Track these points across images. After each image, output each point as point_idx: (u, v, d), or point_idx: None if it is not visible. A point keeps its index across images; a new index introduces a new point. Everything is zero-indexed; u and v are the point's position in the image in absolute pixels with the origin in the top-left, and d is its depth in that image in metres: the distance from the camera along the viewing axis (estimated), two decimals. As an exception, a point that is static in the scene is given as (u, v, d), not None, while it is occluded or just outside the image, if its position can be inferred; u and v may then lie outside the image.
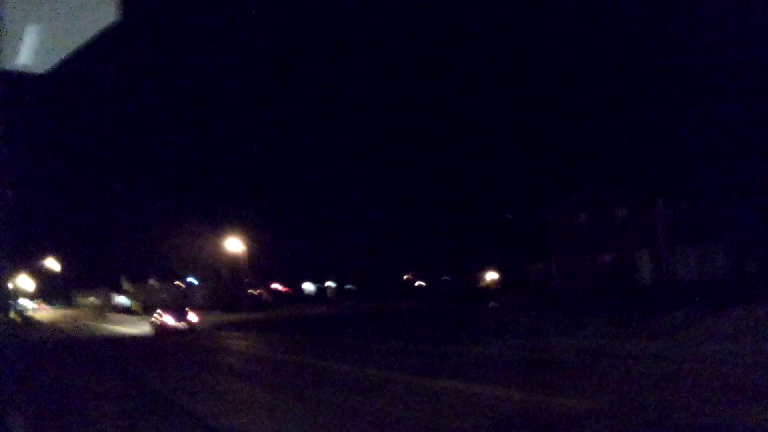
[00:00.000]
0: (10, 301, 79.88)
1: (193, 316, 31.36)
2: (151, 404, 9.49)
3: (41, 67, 2.92)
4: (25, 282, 74.02)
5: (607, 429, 6.66)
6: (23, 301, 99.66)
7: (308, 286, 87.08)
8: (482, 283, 77.54)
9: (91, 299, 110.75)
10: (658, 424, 6.69)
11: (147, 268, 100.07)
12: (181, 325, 30.09)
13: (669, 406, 7.41)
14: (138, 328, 36.40)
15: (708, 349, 11.88)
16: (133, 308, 72.99)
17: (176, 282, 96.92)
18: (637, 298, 27.61)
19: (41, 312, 74.25)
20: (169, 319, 30.55)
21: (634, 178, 42.04)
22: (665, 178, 44.24)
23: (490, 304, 34.89)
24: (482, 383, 9.54)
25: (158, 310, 33.41)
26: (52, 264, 67.03)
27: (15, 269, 61.67)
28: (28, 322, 50.18)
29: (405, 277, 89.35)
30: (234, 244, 55.47)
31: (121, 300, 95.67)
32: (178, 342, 23.62)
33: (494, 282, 75.43)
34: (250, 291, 69.86)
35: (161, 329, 30.31)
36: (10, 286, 60.59)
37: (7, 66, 2.81)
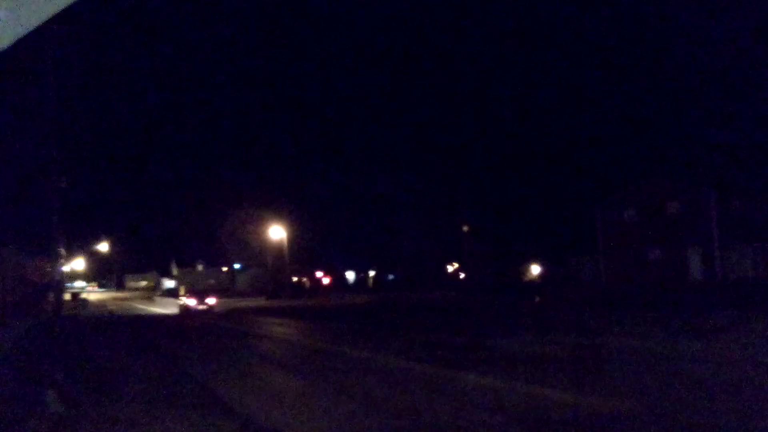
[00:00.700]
0: (67, 284, 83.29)
1: (211, 300, 37.01)
2: (183, 388, 9.55)
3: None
4: (79, 264, 76.71)
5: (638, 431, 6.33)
6: (78, 283, 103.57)
7: (350, 275, 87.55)
8: (527, 277, 76.43)
9: (143, 282, 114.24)
10: (689, 426, 6.34)
11: (195, 253, 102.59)
12: (201, 307, 35.81)
13: (698, 409, 7.03)
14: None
15: (751, 353, 11.28)
16: (180, 292, 74.73)
17: (223, 268, 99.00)
18: (686, 297, 26.62)
19: (92, 294, 76.99)
20: (191, 302, 36.34)
21: (686, 172, 40.45)
22: (720, 171, 42.41)
23: (535, 298, 34.27)
24: (513, 379, 9.25)
25: (184, 294, 39.61)
26: (104, 247, 69.22)
27: (70, 252, 64.00)
28: (81, 303, 51.95)
29: (449, 268, 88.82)
30: (277, 232, 56.10)
31: (170, 284, 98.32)
32: (218, 326, 24.00)
33: (539, 276, 74.25)
34: (294, 279, 70.73)
35: (185, 310, 35.70)
36: (65, 268, 62.94)
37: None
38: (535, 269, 79.16)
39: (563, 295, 36.83)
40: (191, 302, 36.19)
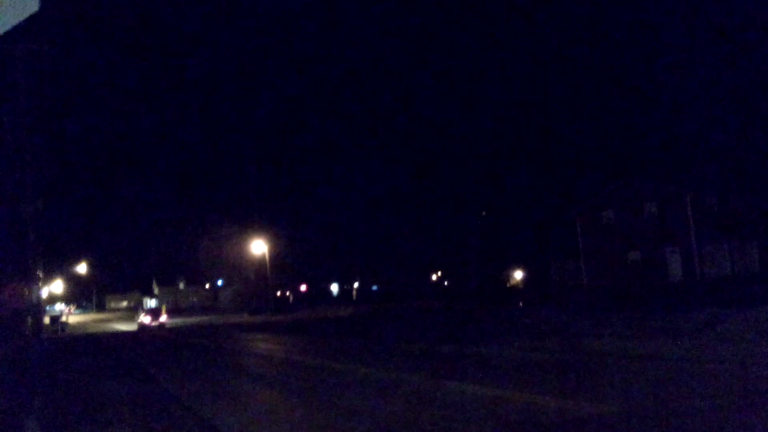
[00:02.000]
0: (47, 307, 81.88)
1: (164, 318, 44.96)
2: (166, 409, 9.40)
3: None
4: (58, 287, 75.47)
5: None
6: (57, 306, 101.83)
7: (334, 287, 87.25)
8: (510, 283, 76.77)
9: (124, 303, 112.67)
10: (675, 428, 6.37)
11: (177, 272, 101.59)
12: (155, 323, 43.01)
13: (679, 410, 7.07)
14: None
15: (729, 350, 11.42)
16: (163, 311, 73.89)
17: (206, 285, 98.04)
18: (666, 296, 26.93)
19: (72, 317, 75.75)
20: (146, 319, 43.85)
21: (663, 173, 41.04)
22: (696, 172, 43.11)
23: (519, 303, 34.44)
24: (500, 386, 9.25)
25: (141, 313, 47.57)
26: (82, 269, 68.24)
27: (48, 275, 62.95)
28: (61, 326, 51.10)
29: (433, 277, 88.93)
30: (259, 247, 55.78)
31: (152, 303, 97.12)
32: (201, 345, 23.75)
33: (522, 281, 74.62)
34: (276, 292, 70.22)
35: (141, 326, 42.39)
36: (44, 292, 61.86)
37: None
38: (519, 275, 79.53)
39: (546, 299, 37.05)
40: (146, 320, 43.76)
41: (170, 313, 67.65)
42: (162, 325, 43.16)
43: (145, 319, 44.04)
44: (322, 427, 7.58)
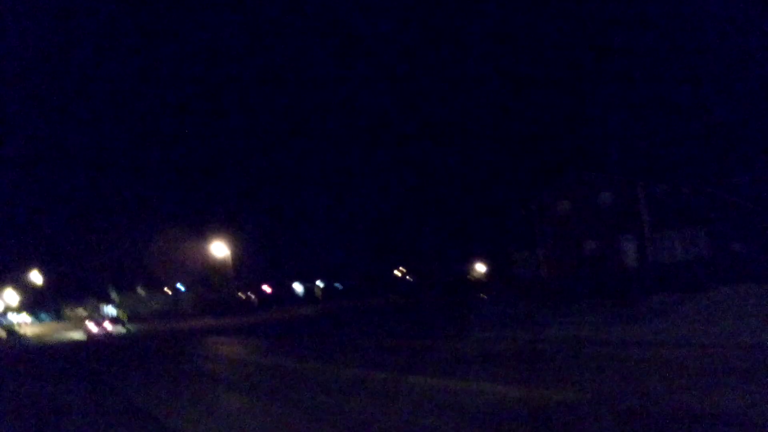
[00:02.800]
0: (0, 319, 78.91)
1: (108, 326, 44.74)
2: (126, 416, 9.27)
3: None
4: (11, 297, 73.04)
5: (589, 419, 6.56)
6: (10, 316, 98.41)
7: (298, 287, 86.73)
8: (472, 275, 77.57)
9: (80, 310, 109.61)
10: (638, 412, 6.61)
11: (134, 277, 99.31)
12: (99, 331, 43.18)
13: (646, 393, 7.34)
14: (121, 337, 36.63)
15: (685, 332, 11.86)
16: (121, 318, 72.25)
17: (166, 289, 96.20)
18: (622, 284, 27.70)
19: (26, 327, 73.43)
20: (92, 327, 43.91)
21: (616, 164, 42.12)
22: (647, 163, 44.40)
23: (480, 296, 34.92)
24: (465, 378, 9.43)
25: (86, 321, 47.39)
26: (35, 277, 66.15)
27: (0, 286, 60.94)
28: (17, 338, 49.51)
29: (395, 272, 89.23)
30: (219, 249, 55.03)
31: (110, 310, 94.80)
32: (165, 348, 23.38)
33: (484, 274, 75.50)
34: (239, 294, 69.37)
35: (89, 334, 42.78)
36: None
37: None
38: (480, 267, 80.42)
39: (506, 291, 37.67)
40: (93, 327, 44.23)
41: (131, 319, 66.66)
42: (108, 332, 43.09)
43: (91, 326, 44.38)
44: (282, 425, 7.61)
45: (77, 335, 48.83)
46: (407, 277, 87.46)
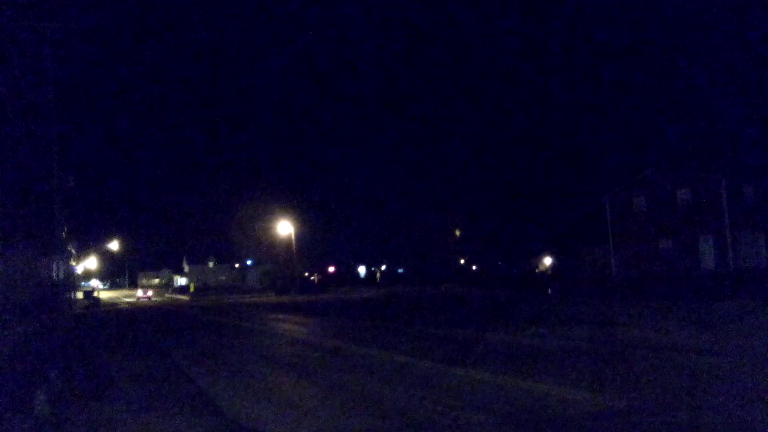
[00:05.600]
0: (82, 283, 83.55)
1: (150, 293, 67.58)
2: (176, 385, 9.43)
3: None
4: (92, 263, 77.25)
5: (634, 429, 6.08)
6: (92, 282, 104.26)
7: (361, 269, 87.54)
8: (539, 269, 75.90)
9: (155, 280, 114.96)
10: (687, 423, 6.09)
11: (207, 250, 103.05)
12: (144, 297, 64.52)
13: (696, 405, 6.76)
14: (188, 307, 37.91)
15: (757, 344, 10.98)
16: (191, 289, 75.14)
17: (235, 264, 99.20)
18: (698, 287, 26.20)
19: (105, 293, 78.46)
20: (141, 294, 66.67)
21: (697, 159, 39.77)
22: (730, 159, 41.72)
23: (548, 291, 33.95)
24: (519, 376, 9.01)
25: (139, 289, 72.26)
26: (114, 246, 69.63)
27: (83, 252, 64.35)
28: (93, 301, 52.30)
29: (461, 261, 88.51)
30: (285, 228, 56.04)
31: (182, 281, 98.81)
32: (226, 323, 23.99)
33: (551, 268, 73.72)
34: (306, 274, 70.68)
35: (137, 298, 63.88)
36: (78, 268, 63.23)
37: None
38: (548, 261, 78.52)
39: (574, 287, 36.47)
40: (141, 294, 66.73)
41: (198, 291, 69.48)
42: (149, 298, 64.42)
43: (140, 293, 67.75)
44: (319, 407, 7.48)
45: (132, 299, 65.26)
46: (472, 266, 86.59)
